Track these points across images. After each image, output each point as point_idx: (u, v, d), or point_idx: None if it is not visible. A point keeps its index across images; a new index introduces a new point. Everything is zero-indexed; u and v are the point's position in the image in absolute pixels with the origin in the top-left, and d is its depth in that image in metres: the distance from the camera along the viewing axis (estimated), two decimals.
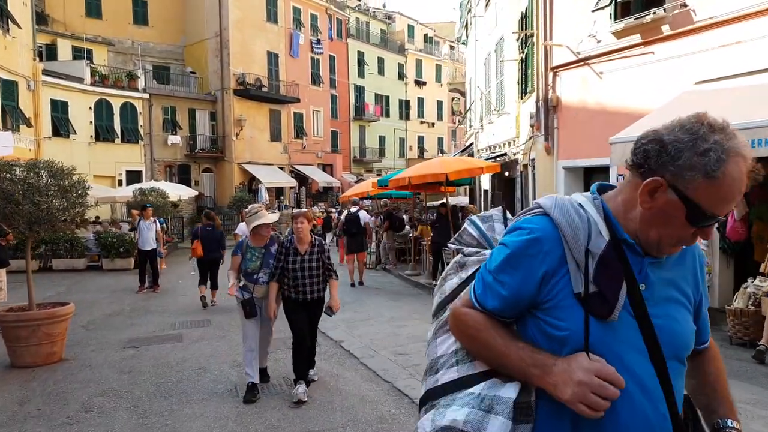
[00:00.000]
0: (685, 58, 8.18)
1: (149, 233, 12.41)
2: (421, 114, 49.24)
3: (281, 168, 33.66)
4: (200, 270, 10.60)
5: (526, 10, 12.54)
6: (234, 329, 8.12)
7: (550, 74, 10.65)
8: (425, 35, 51.26)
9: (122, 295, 11.78)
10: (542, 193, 11.27)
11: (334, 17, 39.85)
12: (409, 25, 49.59)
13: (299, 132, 35.35)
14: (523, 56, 12.95)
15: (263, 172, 31.54)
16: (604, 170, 9.74)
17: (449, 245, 1.70)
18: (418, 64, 48.83)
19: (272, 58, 32.95)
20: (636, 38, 8.91)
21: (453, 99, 51.96)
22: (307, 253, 5.29)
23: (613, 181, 9.32)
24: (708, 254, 7.84)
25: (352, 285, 12.45)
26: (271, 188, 32.01)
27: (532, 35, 11.61)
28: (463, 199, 32.14)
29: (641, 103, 8.81)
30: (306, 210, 6.31)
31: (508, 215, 1.66)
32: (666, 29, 8.45)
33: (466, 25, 23.58)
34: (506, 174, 14.50)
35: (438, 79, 50.84)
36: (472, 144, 19.62)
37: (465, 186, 17.97)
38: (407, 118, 47.86)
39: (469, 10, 21.62)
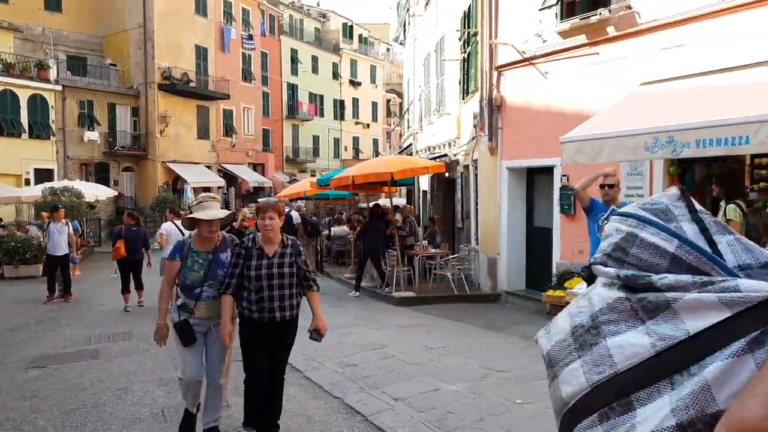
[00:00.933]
0: (629, 59, 8.26)
1: (60, 237, 11.42)
2: (356, 114, 48.97)
3: (209, 167, 32.49)
4: (122, 272, 10.39)
5: (469, 8, 12.47)
6: None
7: (495, 73, 10.58)
8: (360, 35, 51.06)
9: (28, 306, 10.77)
10: (485, 194, 11.20)
11: (267, 13, 38.97)
12: (344, 24, 49.25)
13: (229, 130, 34.26)
14: (465, 56, 12.88)
15: (189, 171, 30.31)
16: (548, 171, 9.76)
17: (602, 269, 1.03)
18: (353, 64, 48.56)
19: (201, 53, 31.77)
20: (582, 38, 8.94)
21: (389, 101, 52.01)
22: (276, 256, 4.04)
23: (557, 181, 9.34)
24: None
25: None
26: (198, 188, 30.72)
27: (476, 34, 11.54)
28: (400, 201, 32.14)
29: (586, 104, 8.84)
30: (276, 200, 4.79)
31: (698, 206, 1.02)
32: (611, 30, 8.52)
33: (404, 25, 23.51)
34: (446, 175, 14.41)
35: (373, 80, 50.75)
36: (410, 145, 19.48)
37: (405, 187, 17.70)
38: (342, 118, 47.46)
39: (408, 10, 21.52)
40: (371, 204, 16.31)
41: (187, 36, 30.76)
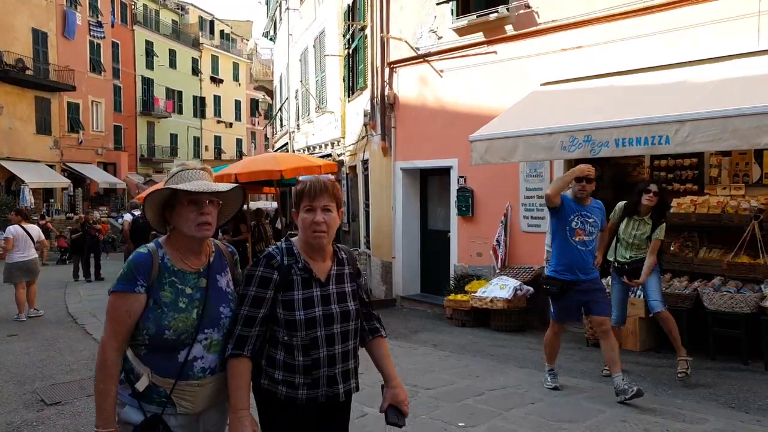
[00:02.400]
0: (529, 59, 8.11)
1: None
2: (218, 113, 46.45)
3: (51, 166, 28.79)
4: None
5: (353, 2, 11.87)
6: (1, 371, 6.01)
7: (387, 70, 10.06)
8: (222, 31, 48.63)
9: None
10: (377, 195, 10.65)
11: (118, 0, 35.57)
12: (203, 18, 46.57)
13: (75, 125, 30.65)
14: (350, 51, 12.26)
15: (27, 170, 26.59)
16: (443, 172, 9.42)
17: None
18: (215, 60, 46.05)
19: (39, 37, 28.04)
20: (479, 36, 8.68)
21: (255, 100, 50.03)
22: (332, 282, 2.23)
23: (454, 183, 9.01)
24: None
25: None
26: (38, 189, 27.18)
27: (363, 28, 10.95)
28: (270, 204, 30.78)
29: (485, 103, 8.60)
30: (330, 179, 2.33)
31: None
32: (510, 29, 8.33)
33: (275, 19, 22.42)
34: (329, 176, 13.68)
35: (236, 78, 48.54)
36: (286, 144, 18.48)
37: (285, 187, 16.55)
38: (203, 116, 44.76)
39: (280, 4, 20.48)
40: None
41: (22, 18, 26.98)
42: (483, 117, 8.52)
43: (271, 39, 23.73)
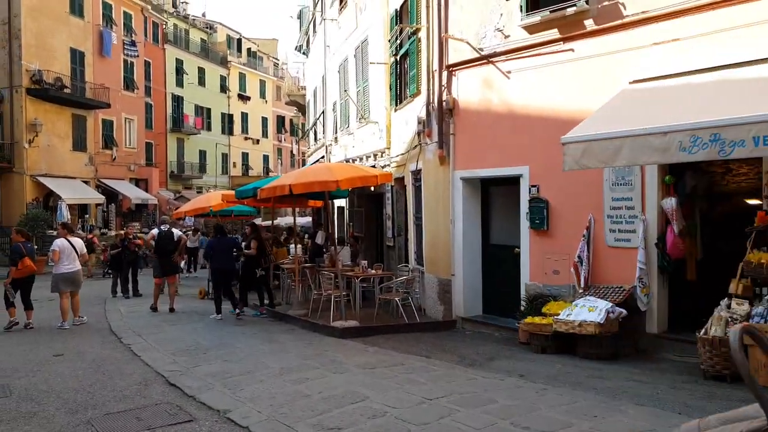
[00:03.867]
0: (612, 56, 7.12)
1: None
2: (245, 130, 45.94)
3: (86, 182, 28.31)
4: (16, 289, 9.51)
5: (403, 5, 11.00)
6: (52, 397, 5.14)
7: (445, 74, 9.13)
8: (249, 49, 48.28)
9: None
10: (433, 208, 9.66)
11: (150, 20, 35.28)
12: (231, 36, 46.24)
13: (109, 142, 30.21)
14: (397, 58, 11.36)
15: (64, 186, 26.10)
16: (509, 181, 8.42)
17: None
18: (242, 77, 45.65)
19: (77, 57, 27.70)
20: (553, 33, 7.71)
21: (278, 117, 49.57)
22: None
23: (524, 193, 8.00)
24: (645, 273, 6.76)
25: (154, 310, 11.26)
26: (74, 205, 26.65)
27: (417, 31, 10.05)
28: (302, 220, 29.88)
29: (560, 105, 7.63)
30: None
31: None
32: (590, 24, 7.35)
33: (308, 33, 21.71)
34: (372, 189, 12.74)
35: (263, 95, 48.11)
36: (322, 158, 17.61)
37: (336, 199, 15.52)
38: (231, 133, 44.25)
39: (314, 17, 19.75)
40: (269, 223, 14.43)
41: (61, 37, 26.68)
42: (559, 120, 7.56)
43: (303, 53, 23.01)
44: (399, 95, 11.41)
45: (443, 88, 9.11)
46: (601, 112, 6.38)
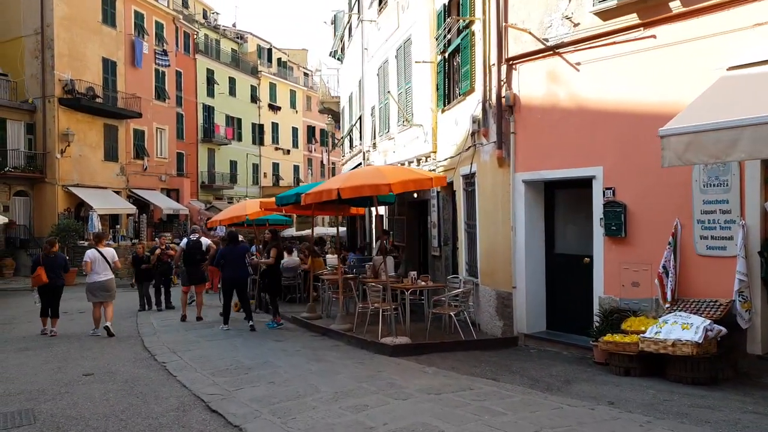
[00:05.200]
0: (703, 41, 6.36)
1: None
2: (275, 140, 45.86)
3: (117, 192, 28.31)
4: (42, 298, 10.04)
5: None
6: (80, 425, 4.61)
7: (504, 68, 8.45)
8: (279, 59, 48.33)
9: None
10: (490, 214, 8.94)
11: (182, 30, 35.44)
12: (261, 46, 46.35)
13: (140, 152, 30.24)
14: (446, 56, 10.73)
15: (95, 196, 26.11)
16: (578, 183, 7.67)
17: None
18: (272, 88, 45.65)
19: (109, 66, 27.84)
20: (631, 19, 6.98)
21: (308, 126, 49.43)
22: None
23: (597, 196, 7.25)
24: (745, 286, 5.94)
25: (183, 318, 11.41)
26: (105, 215, 26.60)
27: (471, 23, 9.41)
28: (325, 230, 29.36)
29: (641, 97, 6.90)
30: None
31: None
32: (676, 6, 6.61)
33: (342, 38, 21.27)
34: (415, 195, 12.07)
35: (293, 105, 48.05)
36: (358, 165, 17.03)
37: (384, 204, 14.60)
38: (261, 143, 44.19)
39: (350, 20, 19.29)
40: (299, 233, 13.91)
41: (93, 47, 26.85)
42: (638, 115, 6.83)
43: (338, 59, 22.58)
44: (447, 95, 10.76)
45: (502, 83, 8.43)
46: (700, 102, 5.62)
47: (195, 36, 37.87)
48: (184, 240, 12.27)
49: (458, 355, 7.70)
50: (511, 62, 8.38)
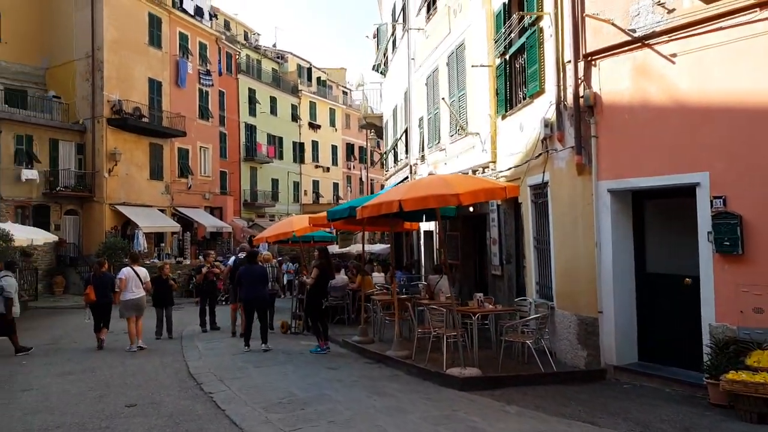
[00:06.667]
0: None
1: None
2: (315, 158, 45.42)
3: (162, 210, 28.03)
4: (94, 315, 10.65)
5: None
6: None
7: (581, 64, 7.39)
8: (318, 78, 48.09)
9: None
10: (567, 228, 7.82)
11: (224, 50, 35.38)
12: (301, 66, 46.18)
13: (184, 170, 29.98)
14: (506, 58, 9.72)
15: (141, 215, 25.82)
16: (677, 192, 6.51)
17: None
18: (312, 106, 45.34)
19: (154, 86, 27.75)
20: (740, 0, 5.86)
21: (347, 144, 48.94)
22: None
23: (703, 206, 6.08)
24: None
25: (233, 334, 11.25)
26: (150, 233, 26.30)
27: (538, 19, 8.39)
28: (374, 247, 28.37)
29: (755, 90, 5.73)
30: None
31: None
32: None
33: (386, 51, 20.50)
34: (470, 209, 10.99)
35: (332, 123, 47.64)
36: (405, 179, 16.08)
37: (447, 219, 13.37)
38: (302, 161, 43.78)
39: (395, 31, 18.49)
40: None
41: (140, 68, 26.80)
42: (755, 111, 5.68)
43: (381, 73, 21.80)
44: (509, 99, 9.74)
45: (580, 81, 7.36)
46: None
47: (237, 56, 37.81)
48: (231, 258, 11.91)
49: (539, 391, 6.58)
50: (589, 58, 7.31)
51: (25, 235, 17.94)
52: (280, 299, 13.56)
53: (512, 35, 9.46)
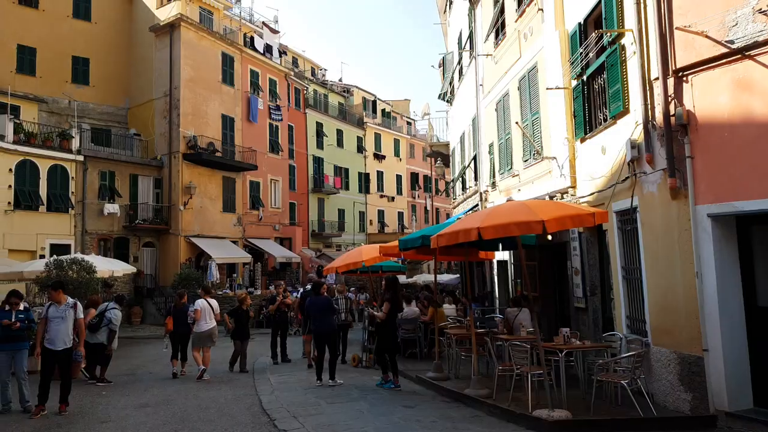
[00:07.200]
0: None
1: (63, 325, 7.83)
2: (380, 188, 45.68)
3: (234, 242, 28.72)
4: (173, 343, 10.99)
5: (591, 14, 9.00)
6: None
7: (671, 81, 6.87)
8: (383, 110, 48.68)
9: (5, 423, 7.01)
10: (664, 255, 7.18)
11: (293, 86, 36.44)
12: (366, 99, 46.91)
13: (255, 202, 30.74)
14: (583, 79, 9.27)
15: (214, 246, 26.54)
16: None
17: None
18: (377, 137, 45.82)
19: (227, 122, 28.80)
20: None
21: (411, 174, 48.96)
22: None
23: None
24: None
25: (310, 366, 11.26)
26: (223, 264, 26.94)
27: (620, 36, 7.94)
28: (441, 278, 27.79)
29: None
30: None
31: None
32: None
33: (452, 79, 20.35)
34: (549, 238, 10.41)
35: (397, 154, 47.90)
36: (475, 207, 15.67)
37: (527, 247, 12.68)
38: (367, 191, 44.12)
39: (460, 59, 18.33)
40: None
41: (213, 105, 27.95)
42: None
43: (447, 101, 21.64)
44: (588, 121, 9.24)
45: (670, 98, 6.83)
46: None
47: (305, 91, 38.83)
48: (301, 290, 11.64)
49: None
50: (680, 73, 6.78)
51: (106, 266, 18.67)
52: (352, 330, 13.31)
53: (589, 55, 9.02)
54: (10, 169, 21.15)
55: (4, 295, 8.49)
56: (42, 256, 21.04)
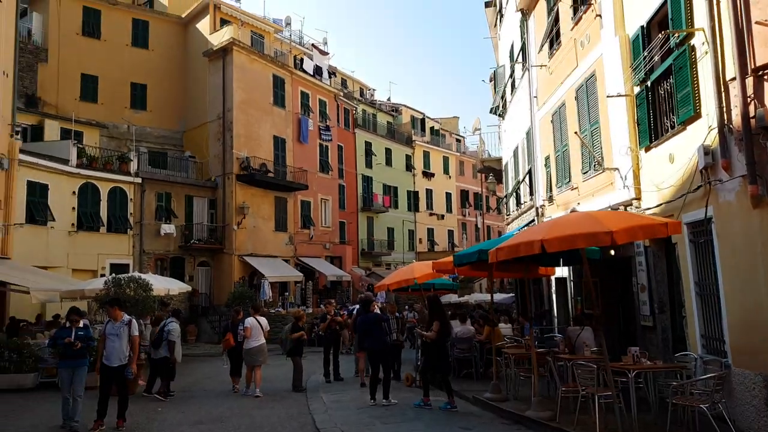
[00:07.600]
0: None
1: (119, 342, 7.93)
2: (429, 206, 45.38)
3: (286, 261, 28.98)
4: (231, 359, 11.30)
5: (655, 15, 8.60)
6: None
7: (750, 81, 6.41)
8: (432, 128, 48.59)
9: None
10: (743, 270, 6.64)
11: (342, 107, 36.86)
12: (414, 117, 46.96)
13: (306, 221, 31.01)
14: (648, 84, 8.83)
15: (267, 265, 26.83)
16: None
17: None
18: (426, 155, 45.67)
19: (279, 143, 29.29)
20: None
21: (461, 191, 48.47)
22: None
23: None
24: None
25: (363, 384, 10.99)
26: (275, 283, 27.17)
27: (689, 36, 7.52)
28: (480, 297, 27.16)
29: None
30: None
31: None
32: None
33: (504, 93, 20.03)
34: (612, 252, 9.92)
35: (446, 171, 47.58)
36: (531, 222, 15.21)
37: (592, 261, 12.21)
38: (416, 209, 43.89)
39: (512, 72, 18.03)
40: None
41: (265, 127, 28.51)
42: None
43: (499, 115, 21.30)
44: (653, 128, 8.78)
45: (749, 99, 6.37)
46: None
47: (354, 112, 39.20)
48: (351, 308, 11.56)
49: None
50: (760, 72, 6.32)
51: (162, 285, 19.06)
52: (404, 350, 13.03)
53: (654, 59, 8.60)
54: (74, 192, 22.03)
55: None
56: (102, 275, 21.75)
